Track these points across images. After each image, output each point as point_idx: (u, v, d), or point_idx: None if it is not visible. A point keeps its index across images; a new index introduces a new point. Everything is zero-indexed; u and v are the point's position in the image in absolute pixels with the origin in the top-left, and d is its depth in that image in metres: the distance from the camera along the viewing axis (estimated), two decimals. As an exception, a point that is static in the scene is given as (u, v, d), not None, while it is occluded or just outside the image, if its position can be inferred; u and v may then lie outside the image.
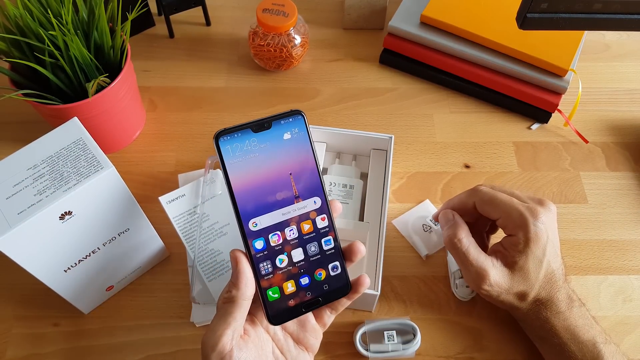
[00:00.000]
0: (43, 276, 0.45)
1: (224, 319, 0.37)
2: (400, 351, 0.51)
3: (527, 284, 0.47)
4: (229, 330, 0.37)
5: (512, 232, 0.48)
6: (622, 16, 0.48)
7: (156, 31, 0.77)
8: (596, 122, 0.69)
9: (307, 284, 0.39)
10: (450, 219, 0.49)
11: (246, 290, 0.37)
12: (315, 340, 0.43)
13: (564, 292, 0.48)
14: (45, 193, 0.40)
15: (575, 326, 0.47)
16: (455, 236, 0.48)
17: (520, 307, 0.48)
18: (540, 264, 0.46)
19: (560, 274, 0.48)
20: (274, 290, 0.39)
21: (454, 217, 0.49)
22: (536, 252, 0.46)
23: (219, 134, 0.37)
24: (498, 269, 0.47)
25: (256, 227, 0.38)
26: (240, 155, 0.38)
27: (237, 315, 0.37)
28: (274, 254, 0.39)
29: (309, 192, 0.39)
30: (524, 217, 0.46)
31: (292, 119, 0.39)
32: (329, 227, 0.40)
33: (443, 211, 0.51)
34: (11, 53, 0.55)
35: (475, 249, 0.47)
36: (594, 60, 0.74)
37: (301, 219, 0.39)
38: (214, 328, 0.37)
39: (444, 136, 0.67)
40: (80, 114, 0.55)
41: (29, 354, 0.52)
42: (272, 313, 0.39)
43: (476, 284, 0.47)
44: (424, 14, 0.68)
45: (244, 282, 0.37)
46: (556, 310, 0.47)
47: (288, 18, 0.66)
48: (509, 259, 0.47)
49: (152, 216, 0.52)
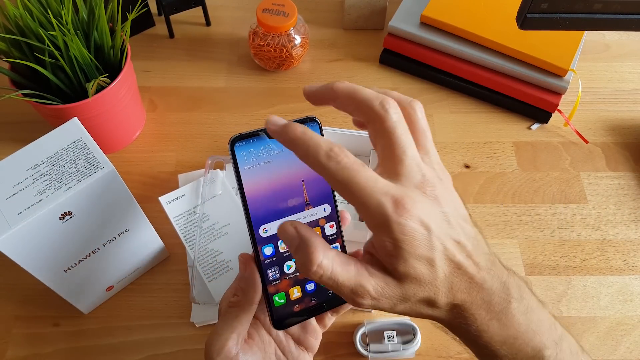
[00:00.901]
0: (43, 276, 0.45)
1: (229, 323, 0.37)
2: (400, 351, 0.51)
3: (426, 288, 0.32)
4: (235, 334, 0.36)
5: (373, 232, 0.31)
6: (622, 16, 0.48)
7: (156, 31, 0.77)
8: (596, 122, 0.69)
9: (312, 290, 0.40)
10: (294, 237, 0.32)
11: (254, 295, 0.37)
12: (316, 341, 0.43)
13: (494, 286, 0.33)
14: (45, 193, 0.40)
15: (516, 336, 0.34)
16: (312, 263, 0.31)
17: (440, 317, 0.34)
18: (432, 262, 0.31)
19: (474, 265, 0.32)
20: (281, 296, 0.39)
21: (299, 232, 0.32)
22: (418, 251, 0.30)
23: (234, 140, 0.37)
24: (378, 277, 0.32)
25: (266, 233, 0.38)
26: (254, 162, 0.37)
27: (244, 319, 0.37)
28: (283, 260, 0.39)
29: (319, 199, 0.39)
30: (383, 213, 0.30)
31: (307, 125, 0.38)
32: (337, 234, 0.40)
33: (281, 226, 0.33)
34: (11, 53, 0.55)
35: (340, 265, 0.31)
36: (594, 60, 0.74)
37: (310, 225, 0.39)
38: (219, 332, 0.37)
39: (444, 136, 0.67)
40: (80, 114, 0.55)
41: (29, 354, 0.52)
42: (277, 318, 0.39)
43: (356, 302, 0.32)
44: (424, 14, 0.68)
45: (253, 287, 0.37)
46: (483, 316, 0.33)
47: (288, 18, 0.66)
48: (387, 265, 0.32)
49: (152, 216, 0.52)
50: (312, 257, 0.31)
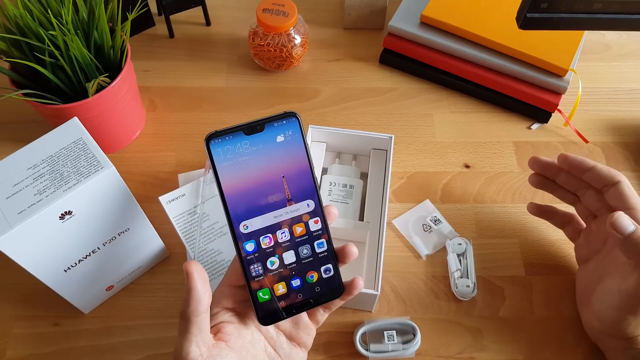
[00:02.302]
0: (43, 276, 0.45)
1: (185, 337, 0.37)
2: (400, 351, 0.51)
3: None
4: (193, 346, 0.36)
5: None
6: (622, 16, 0.48)
7: (156, 31, 0.77)
8: (596, 122, 0.69)
9: (298, 286, 0.39)
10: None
11: (197, 306, 0.37)
12: (308, 337, 0.43)
13: None
14: (45, 193, 0.40)
15: None
16: None
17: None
18: None
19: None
20: (265, 292, 0.39)
21: None
22: None
23: (209, 137, 0.37)
24: None
25: (247, 229, 0.38)
26: (231, 158, 0.37)
27: (195, 330, 0.37)
28: (265, 256, 0.39)
29: (302, 194, 0.39)
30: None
31: (285, 121, 0.38)
32: (322, 229, 0.40)
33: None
34: (11, 53, 0.55)
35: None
36: (594, 60, 0.74)
37: (293, 221, 0.39)
38: (179, 346, 0.37)
39: (444, 136, 0.67)
40: (80, 114, 0.55)
41: (29, 354, 0.52)
42: (262, 314, 0.39)
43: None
44: (424, 14, 0.68)
45: (195, 299, 0.36)
46: None
47: (288, 18, 0.66)
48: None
49: (152, 216, 0.52)
50: None
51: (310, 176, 0.39)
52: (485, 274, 0.57)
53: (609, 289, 0.47)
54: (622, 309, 0.46)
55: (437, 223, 0.60)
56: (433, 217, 0.60)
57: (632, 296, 0.44)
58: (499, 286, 0.56)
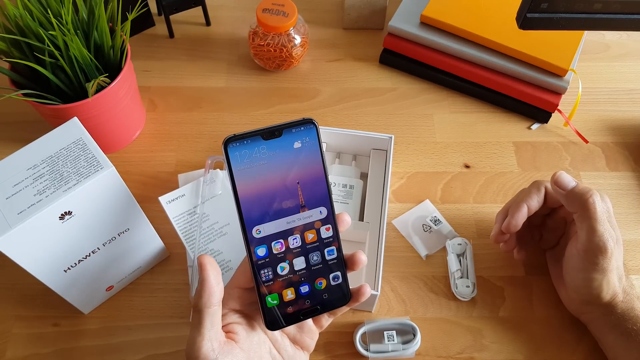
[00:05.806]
0: (43, 276, 0.45)
1: (197, 330, 0.37)
2: (400, 351, 0.51)
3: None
4: (206, 340, 0.36)
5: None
6: (622, 16, 0.48)
7: (156, 31, 0.77)
8: (596, 122, 0.69)
9: (306, 292, 0.39)
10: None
11: (210, 298, 0.37)
12: (312, 341, 0.43)
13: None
14: (45, 193, 0.40)
15: None
16: None
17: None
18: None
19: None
20: (273, 297, 0.39)
21: None
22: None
23: (228, 140, 0.37)
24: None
25: (259, 234, 0.38)
26: (248, 163, 0.37)
27: (208, 323, 0.37)
28: (276, 261, 0.39)
29: (315, 201, 0.39)
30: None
31: (303, 128, 0.38)
32: (333, 237, 0.40)
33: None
34: (11, 53, 0.55)
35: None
36: (594, 60, 0.74)
37: (305, 228, 0.39)
38: (191, 340, 0.37)
39: (444, 136, 0.67)
40: (80, 114, 0.55)
41: (29, 354, 0.52)
42: (270, 319, 0.39)
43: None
44: (424, 14, 0.68)
45: (208, 290, 0.37)
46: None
47: (288, 18, 0.66)
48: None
49: (152, 216, 0.52)
50: None
51: (325, 183, 0.39)
52: (485, 274, 0.57)
53: (570, 254, 0.50)
54: (587, 269, 0.47)
55: (437, 223, 0.60)
56: (433, 217, 0.60)
57: (587, 250, 0.47)
58: (498, 286, 0.56)
